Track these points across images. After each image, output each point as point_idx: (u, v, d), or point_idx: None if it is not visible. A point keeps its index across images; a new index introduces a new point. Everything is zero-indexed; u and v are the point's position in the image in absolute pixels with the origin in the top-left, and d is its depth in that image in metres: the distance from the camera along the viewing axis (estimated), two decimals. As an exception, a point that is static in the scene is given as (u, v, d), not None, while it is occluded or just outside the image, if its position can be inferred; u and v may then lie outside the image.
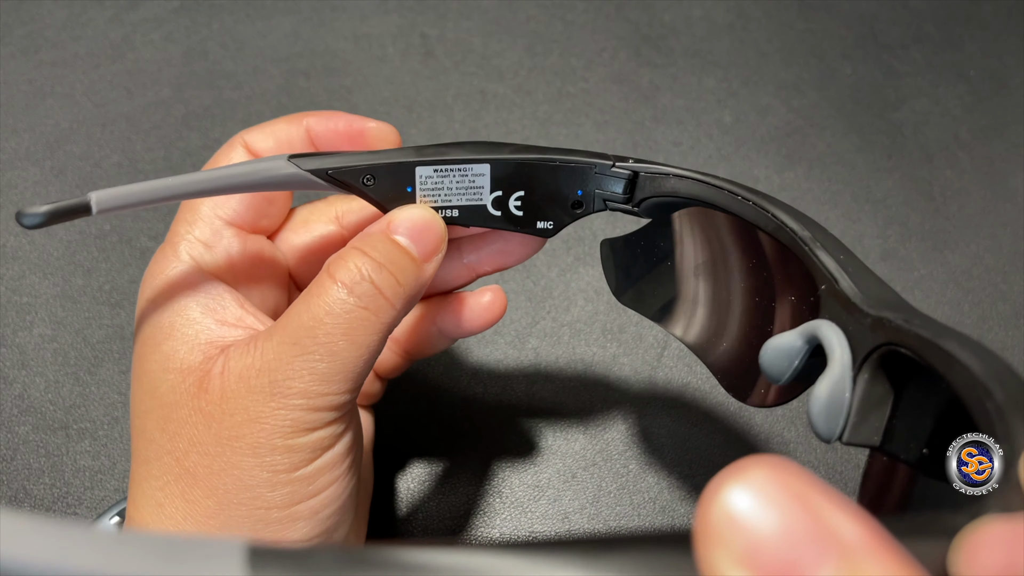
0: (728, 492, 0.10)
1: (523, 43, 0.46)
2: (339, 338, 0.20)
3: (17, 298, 0.36)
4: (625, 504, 0.31)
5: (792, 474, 0.10)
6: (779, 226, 0.20)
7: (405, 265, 0.21)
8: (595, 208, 0.23)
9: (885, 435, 0.17)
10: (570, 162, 0.22)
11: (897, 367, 0.17)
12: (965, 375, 0.14)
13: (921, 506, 0.17)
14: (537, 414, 0.34)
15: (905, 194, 0.41)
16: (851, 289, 0.18)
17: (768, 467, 0.10)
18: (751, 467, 0.10)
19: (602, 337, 0.36)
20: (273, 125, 0.24)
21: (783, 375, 0.19)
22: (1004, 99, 0.45)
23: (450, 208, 0.23)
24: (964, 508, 0.11)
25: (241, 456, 0.20)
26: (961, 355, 0.14)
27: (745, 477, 0.10)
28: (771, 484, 0.10)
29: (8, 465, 0.31)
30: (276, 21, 0.46)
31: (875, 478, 0.17)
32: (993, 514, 0.11)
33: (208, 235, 0.23)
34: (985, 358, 0.14)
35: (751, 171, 0.41)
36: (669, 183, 0.22)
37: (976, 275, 0.39)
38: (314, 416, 0.20)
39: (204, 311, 0.22)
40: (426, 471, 0.32)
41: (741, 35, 0.47)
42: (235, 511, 0.20)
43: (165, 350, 0.22)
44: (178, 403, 0.21)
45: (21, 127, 0.41)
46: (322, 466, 0.21)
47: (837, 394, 0.17)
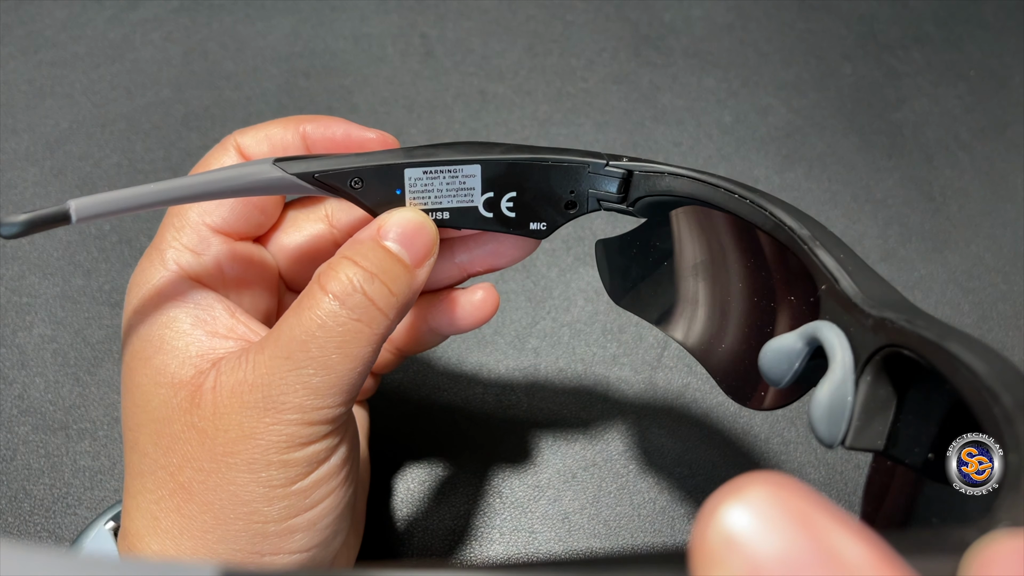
0: (726, 512, 0.09)
1: (523, 43, 0.46)
2: (332, 352, 0.20)
3: (17, 298, 0.36)
4: (625, 504, 0.31)
5: (793, 492, 0.10)
6: (777, 224, 0.19)
7: (397, 273, 0.21)
8: (589, 208, 0.23)
9: (889, 439, 0.16)
10: (563, 162, 0.22)
11: (900, 369, 0.16)
12: (970, 378, 0.14)
13: (927, 510, 0.16)
14: (537, 414, 0.34)
15: (905, 194, 0.41)
16: (852, 289, 0.17)
17: (768, 485, 0.10)
18: (750, 485, 0.10)
19: (602, 337, 0.36)
20: (268, 127, 0.24)
21: (783, 378, 0.18)
22: (1004, 99, 0.45)
23: (441, 210, 0.22)
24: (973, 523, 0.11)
25: (236, 472, 0.20)
26: (966, 357, 0.14)
27: (744, 496, 0.09)
28: (771, 503, 0.09)
29: (8, 465, 0.31)
30: (276, 21, 0.46)
31: (880, 482, 0.17)
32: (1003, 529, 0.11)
33: (196, 242, 0.23)
34: (991, 360, 0.14)
35: (751, 171, 0.41)
36: (664, 182, 0.22)
37: (976, 275, 0.38)
38: (309, 430, 0.20)
39: (194, 322, 0.22)
40: (426, 471, 0.32)
41: (741, 35, 0.47)
42: (232, 526, 0.20)
43: (156, 364, 0.21)
44: (171, 418, 0.21)
45: (21, 127, 0.41)
46: (318, 479, 0.21)
47: (839, 398, 0.16)
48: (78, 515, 0.30)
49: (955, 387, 0.14)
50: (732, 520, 0.09)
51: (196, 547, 0.20)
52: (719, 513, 0.09)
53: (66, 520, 0.30)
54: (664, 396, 0.34)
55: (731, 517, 0.09)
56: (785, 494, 0.09)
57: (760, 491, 0.09)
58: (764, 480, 0.10)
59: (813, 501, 0.10)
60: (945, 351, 0.14)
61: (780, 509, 0.09)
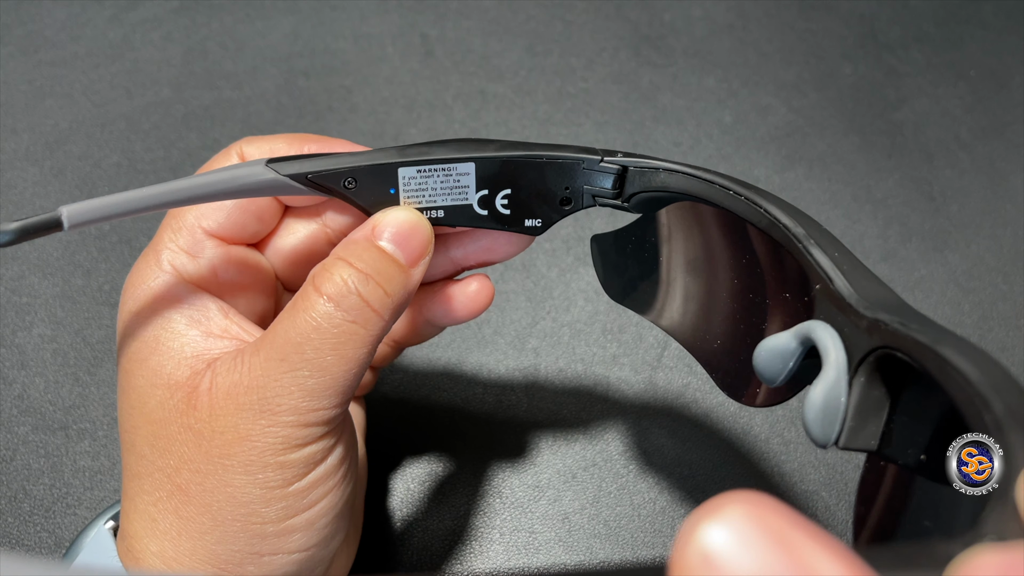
0: (704, 531, 0.09)
1: (523, 43, 0.46)
2: (327, 353, 0.20)
3: (17, 298, 0.36)
4: (625, 504, 0.31)
5: (771, 511, 0.10)
6: (772, 222, 0.19)
7: (392, 274, 0.21)
8: (584, 204, 0.23)
9: (882, 439, 0.16)
10: (557, 158, 0.22)
11: (894, 370, 0.16)
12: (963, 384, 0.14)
13: (920, 512, 0.16)
14: (537, 414, 0.34)
15: (905, 194, 0.41)
16: (846, 289, 0.17)
17: (745, 504, 0.10)
18: (728, 504, 0.10)
19: (602, 337, 0.36)
20: (273, 141, 0.24)
21: (778, 377, 0.18)
22: (1004, 99, 0.45)
23: (435, 209, 0.22)
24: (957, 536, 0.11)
25: (233, 474, 0.20)
26: (958, 362, 0.14)
27: (721, 515, 0.09)
28: (748, 522, 0.09)
29: (8, 465, 0.31)
30: (276, 21, 0.46)
31: (873, 483, 0.17)
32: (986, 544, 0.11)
33: (191, 244, 0.23)
34: (983, 366, 0.14)
35: (751, 171, 0.41)
36: (659, 178, 0.22)
37: (977, 275, 0.38)
38: (305, 432, 0.20)
39: (189, 323, 0.22)
40: (426, 471, 0.32)
41: (741, 35, 0.47)
42: (230, 527, 0.20)
43: (152, 365, 0.21)
44: (167, 420, 0.21)
45: (21, 127, 0.41)
46: (315, 479, 0.21)
47: (832, 399, 0.16)
48: (78, 515, 0.30)
49: (947, 392, 0.14)
50: (710, 538, 0.09)
51: (194, 548, 0.20)
52: (697, 531, 0.10)
53: (66, 520, 0.30)
54: (664, 396, 0.34)
55: (709, 535, 0.09)
56: (763, 513, 0.10)
57: (738, 510, 0.10)
58: (742, 499, 0.10)
59: (791, 520, 0.10)
60: (938, 355, 0.14)
61: (757, 528, 0.09)
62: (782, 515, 0.10)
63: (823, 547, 0.09)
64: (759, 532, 0.09)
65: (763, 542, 0.09)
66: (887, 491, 0.17)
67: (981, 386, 0.13)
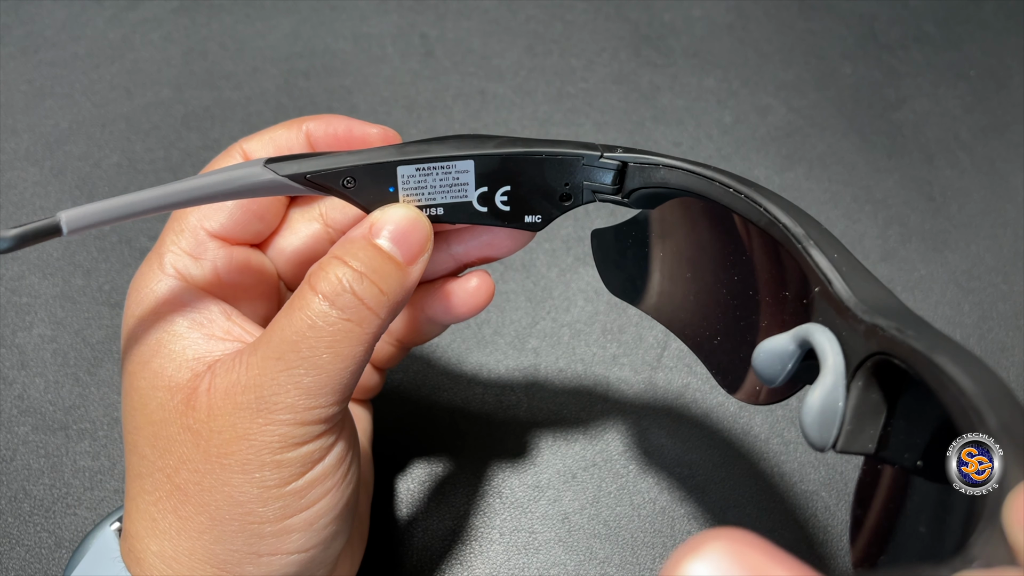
0: (687, 567, 0.10)
1: (523, 43, 0.46)
2: (323, 352, 0.20)
3: (17, 298, 0.36)
4: (625, 505, 0.31)
5: (751, 547, 0.10)
6: (771, 221, 0.19)
7: (388, 272, 0.21)
8: (584, 200, 0.23)
9: (880, 443, 0.16)
10: (557, 155, 0.22)
11: (892, 375, 0.16)
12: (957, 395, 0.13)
13: (917, 515, 0.16)
14: (537, 415, 0.34)
15: (905, 194, 0.41)
16: (845, 292, 0.17)
17: (727, 540, 0.10)
18: (709, 541, 0.10)
19: (602, 337, 0.36)
20: (272, 132, 0.24)
21: (776, 378, 0.18)
22: (1004, 99, 0.45)
23: (435, 206, 0.22)
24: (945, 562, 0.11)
25: (231, 473, 0.20)
26: (953, 372, 0.14)
27: (703, 551, 0.10)
28: (729, 558, 0.10)
29: (8, 465, 0.31)
30: (276, 21, 0.46)
31: (870, 486, 0.17)
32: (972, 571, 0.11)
33: (193, 246, 0.23)
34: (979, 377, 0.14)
35: (751, 171, 0.41)
36: (659, 173, 0.22)
37: (976, 275, 0.38)
38: (302, 430, 0.20)
39: (191, 325, 0.22)
40: (426, 472, 0.32)
41: (741, 35, 0.47)
42: (227, 526, 0.20)
43: (153, 367, 0.21)
44: (167, 420, 0.21)
45: (21, 127, 0.41)
46: (313, 479, 0.21)
47: (830, 403, 0.16)
48: (78, 515, 0.30)
49: (942, 402, 0.14)
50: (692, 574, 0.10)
51: (192, 547, 0.21)
52: (680, 568, 0.10)
53: (66, 520, 0.30)
54: (664, 396, 0.34)
55: (690, 572, 0.10)
56: (743, 549, 0.10)
57: (719, 546, 0.10)
58: (723, 536, 0.10)
59: (771, 555, 0.10)
60: (933, 364, 0.14)
61: (738, 564, 0.10)
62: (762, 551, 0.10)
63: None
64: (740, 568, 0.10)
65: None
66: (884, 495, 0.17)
67: (976, 398, 0.13)
